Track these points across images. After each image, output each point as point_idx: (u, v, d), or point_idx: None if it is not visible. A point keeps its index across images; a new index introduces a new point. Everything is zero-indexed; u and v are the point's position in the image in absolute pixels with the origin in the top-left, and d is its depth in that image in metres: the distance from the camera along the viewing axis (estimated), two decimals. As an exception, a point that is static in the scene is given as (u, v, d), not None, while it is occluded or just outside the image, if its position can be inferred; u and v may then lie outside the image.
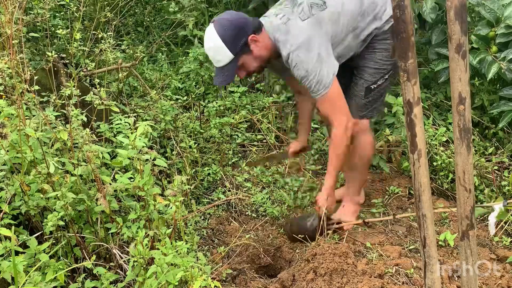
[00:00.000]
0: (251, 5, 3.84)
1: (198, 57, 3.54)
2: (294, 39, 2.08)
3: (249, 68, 2.21)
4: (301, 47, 2.06)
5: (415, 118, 1.12)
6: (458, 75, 1.05)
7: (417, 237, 2.38)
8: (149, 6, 4.31)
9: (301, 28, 2.08)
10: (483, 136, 3.03)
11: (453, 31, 1.03)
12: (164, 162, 1.85)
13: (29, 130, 1.75)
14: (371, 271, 1.99)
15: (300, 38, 2.07)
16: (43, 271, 1.65)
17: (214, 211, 2.64)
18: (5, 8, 2.00)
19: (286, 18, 2.13)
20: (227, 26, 2.08)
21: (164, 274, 1.60)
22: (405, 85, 1.10)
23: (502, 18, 2.75)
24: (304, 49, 2.06)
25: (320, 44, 2.08)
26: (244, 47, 2.12)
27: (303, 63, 2.07)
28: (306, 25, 2.09)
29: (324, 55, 2.08)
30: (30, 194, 1.78)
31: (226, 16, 2.12)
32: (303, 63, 2.07)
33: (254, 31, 2.12)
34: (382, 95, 2.35)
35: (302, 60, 2.07)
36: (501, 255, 2.21)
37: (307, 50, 2.06)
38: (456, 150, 1.14)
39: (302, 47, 2.06)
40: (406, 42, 1.06)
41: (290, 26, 2.11)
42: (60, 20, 3.34)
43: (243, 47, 2.11)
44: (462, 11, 1.01)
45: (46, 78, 2.40)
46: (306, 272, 2.02)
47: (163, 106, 2.92)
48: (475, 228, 1.53)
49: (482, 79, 3.13)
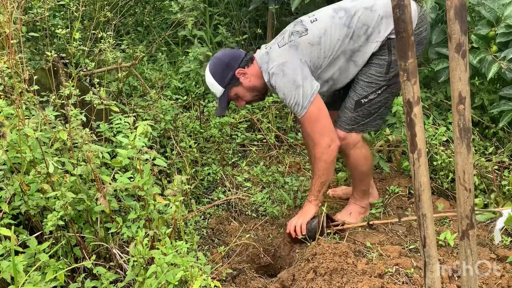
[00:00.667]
0: (251, 5, 3.83)
1: (198, 56, 3.54)
2: (271, 65, 2.23)
3: (245, 97, 2.38)
4: (276, 73, 2.20)
5: (415, 117, 1.12)
6: (458, 75, 1.05)
7: (417, 236, 2.38)
8: (149, 6, 4.31)
9: (277, 54, 2.23)
10: (483, 135, 3.03)
11: (453, 31, 1.03)
12: (163, 162, 1.85)
13: (28, 130, 1.75)
14: (371, 270, 1.99)
15: (275, 64, 2.21)
16: (43, 271, 1.65)
17: (214, 210, 2.64)
18: (4, 8, 1.99)
19: (269, 47, 2.31)
20: (216, 64, 2.31)
21: (164, 274, 1.60)
22: (405, 85, 1.10)
23: (502, 17, 2.75)
24: (279, 75, 2.19)
25: (294, 68, 2.18)
26: (232, 80, 2.30)
27: (279, 87, 2.20)
28: (282, 51, 2.23)
29: (299, 78, 2.18)
30: (29, 194, 1.78)
31: (218, 55, 2.35)
32: (280, 88, 2.20)
33: (244, 65, 2.30)
34: (375, 111, 2.32)
35: (279, 85, 2.20)
36: (501, 254, 2.21)
37: (282, 75, 2.19)
38: (456, 149, 1.13)
39: (277, 72, 2.20)
40: (405, 42, 1.06)
41: (270, 53, 2.26)
42: (59, 19, 3.34)
43: (231, 80, 2.30)
44: (462, 11, 1.01)
45: (45, 77, 2.40)
46: (306, 272, 2.02)
47: (163, 106, 2.92)
48: (475, 228, 1.52)
49: (482, 79, 3.13)
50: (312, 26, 2.24)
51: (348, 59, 2.24)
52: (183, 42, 4.18)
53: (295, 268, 2.13)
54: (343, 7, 2.25)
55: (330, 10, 2.27)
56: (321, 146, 2.23)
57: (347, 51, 2.22)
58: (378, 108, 2.32)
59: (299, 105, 2.19)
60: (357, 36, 2.19)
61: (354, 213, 2.55)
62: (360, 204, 2.56)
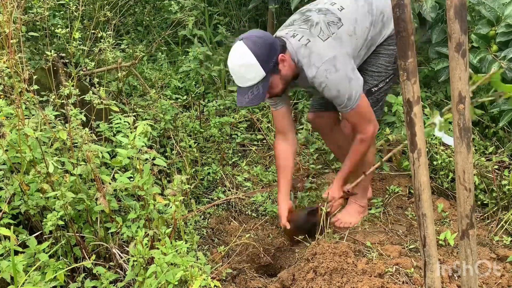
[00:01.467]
0: (251, 4, 3.83)
1: (198, 56, 3.53)
2: (319, 60, 2.05)
3: (275, 89, 2.14)
4: (328, 68, 2.04)
5: (415, 117, 1.12)
6: (458, 74, 1.05)
7: (417, 236, 2.38)
8: (148, 5, 4.31)
9: (324, 48, 2.07)
10: (483, 135, 3.02)
11: (452, 30, 1.02)
12: (163, 161, 1.85)
13: (28, 130, 1.75)
14: (371, 270, 1.98)
15: (325, 59, 2.05)
16: (43, 271, 1.65)
17: (214, 210, 2.64)
18: (4, 7, 1.99)
19: (306, 39, 2.10)
20: (260, 44, 2.00)
21: (163, 273, 1.60)
22: (405, 84, 1.10)
23: (502, 17, 2.75)
24: (331, 70, 2.05)
25: (344, 62, 2.08)
26: (275, 66, 2.06)
27: (332, 83, 2.06)
28: (328, 44, 2.08)
29: (350, 72, 2.09)
30: (29, 193, 1.78)
31: (257, 33, 2.06)
32: (333, 84, 2.06)
33: (282, 51, 2.08)
34: (382, 98, 2.37)
35: (331, 81, 2.05)
36: (501, 254, 2.21)
37: (334, 71, 2.05)
38: (456, 149, 1.13)
39: (329, 68, 2.04)
40: (405, 41, 1.06)
41: (311, 47, 2.08)
42: (59, 19, 3.34)
43: (274, 66, 2.05)
44: (461, 10, 1.01)
45: (45, 77, 2.40)
46: (306, 272, 2.02)
47: (162, 106, 2.92)
48: (475, 227, 1.52)
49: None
50: (343, 14, 2.15)
51: (368, 48, 2.23)
52: (183, 42, 4.18)
53: (295, 268, 2.13)
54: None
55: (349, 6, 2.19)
56: (368, 133, 2.22)
57: (369, 40, 2.20)
58: (384, 96, 2.38)
59: (352, 99, 2.10)
60: (376, 24, 2.19)
61: (354, 212, 2.55)
62: (360, 203, 2.56)
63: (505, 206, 2.50)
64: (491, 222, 2.50)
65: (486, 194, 2.59)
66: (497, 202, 2.53)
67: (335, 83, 2.06)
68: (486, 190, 2.61)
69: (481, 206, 2.61)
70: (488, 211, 2.54)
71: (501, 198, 2.51)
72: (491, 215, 2.53)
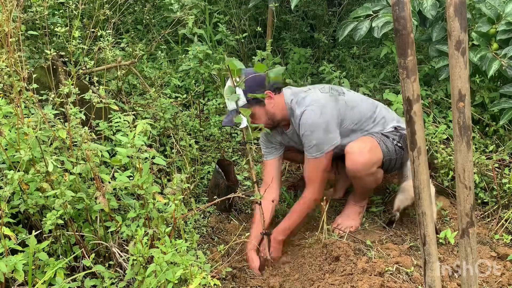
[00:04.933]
0: (251, 3, 3.83)
1: (197, 55, 3.53)
2: (310, 102, 2.26)
3: (257, 120, 2.28)
4: (315, 110, 2.24)
5: (415, 115, 1.12)
6: (458, 72, 1.05)
7: (417, 235, 2.38)
8: (148, 4, 4.30)
9: (319, 97, 2.30)
10: (484, 133, 3.02)
11: (452, 28, 1.02)
12: (163, 160, 1.85)
13: (27, 129, 1.75)
14: (371, 269, 1.98)
15: (315, 103, 2.25)
16: (42, 270, 1.65)
17: (213, 209, 2.63)
18: (3, 6, 1.99)
19: (307, 88, 2.40)
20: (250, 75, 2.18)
21: (163, 272, 1.60)
22: (405, 82, 1.09)
23: (503, 15, 2.74)
24: (317, 112, 2.24)
25: (331, 115, 2.27)
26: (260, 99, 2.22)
27: (310, 123, 2.24)
28: (324, 96, 2.31)
29: (331, 125, 2.26)
30: (29, 192, 1.78)
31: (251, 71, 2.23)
32: (310, 124, 2.24)
33: (273, 90, 2.27)
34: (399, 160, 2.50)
35: (312, 121, 2.24)
36: (502, 253, 2.21)
37: (319, 115, 2.24)
38: (456, 147, 1.13)
39: (315, 110, 2.24)
40: (405, 39, 1.05)
41: (309, 93, 2.32)
42: (59, 18, 3.33)
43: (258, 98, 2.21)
44: (461, 8, 1.00)
45: (45, 76, 2.40)
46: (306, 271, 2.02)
47: (162, 104, 2.91)
48: (475, 226, 1.52)
49: (482, 77, 3.12)
50: (349, 93, 2.44)
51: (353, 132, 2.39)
52: (183, 40, 4.17)
53: (295, 267, 2.13)
54: (365, 98, 2.50)
55: (356, 95, 2.48)
56: (316, 193, 2.32)
57: (360, 130, 2.40)
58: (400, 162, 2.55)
59: (318, 148, 2.25)
60: (375, 122, 2.43)
61: (353, 214, 2.54)
62: (360, 204, 2.55)
63: (505, 205, 2.50)
64: (491, 220, 2.50)
65: (487, 193, 2.59)
66: (497, 201, 2.53)
67: (313, 124, 2.23)
68: (486, 189, 2.61)
69: (481, 205, 2.61)
70: (488, 210, 2.54)
71: (501, 197, 2.51)
72: (492, 214, 2.53)
